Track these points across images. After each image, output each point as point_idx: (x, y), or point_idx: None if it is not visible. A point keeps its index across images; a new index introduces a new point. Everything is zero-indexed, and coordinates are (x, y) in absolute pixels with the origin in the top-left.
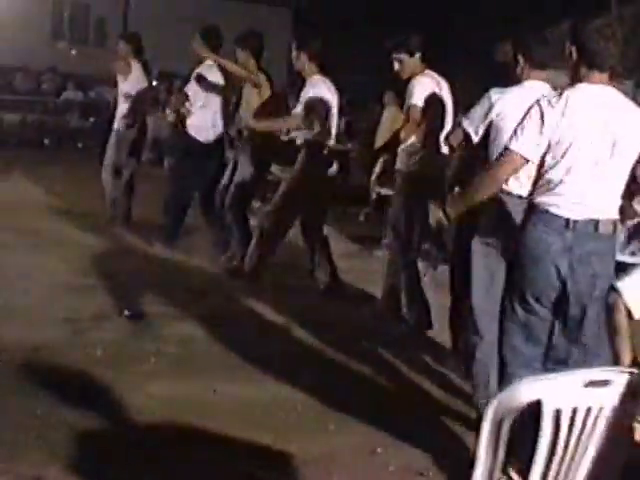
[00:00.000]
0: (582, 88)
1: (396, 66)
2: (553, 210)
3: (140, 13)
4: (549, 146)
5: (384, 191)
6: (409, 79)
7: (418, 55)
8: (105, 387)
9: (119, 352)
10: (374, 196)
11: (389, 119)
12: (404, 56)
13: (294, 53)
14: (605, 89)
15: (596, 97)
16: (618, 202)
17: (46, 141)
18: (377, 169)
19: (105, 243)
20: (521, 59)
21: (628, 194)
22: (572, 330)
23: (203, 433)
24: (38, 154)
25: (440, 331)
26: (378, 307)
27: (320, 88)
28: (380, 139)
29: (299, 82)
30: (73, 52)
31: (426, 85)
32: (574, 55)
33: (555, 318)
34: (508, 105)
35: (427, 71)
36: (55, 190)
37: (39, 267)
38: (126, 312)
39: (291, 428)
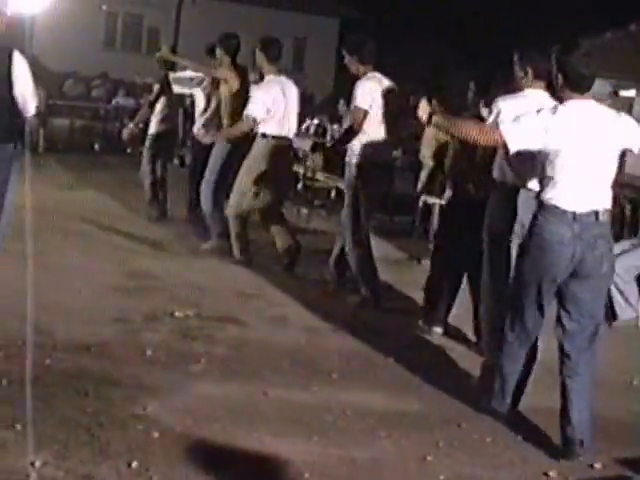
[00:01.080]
0: (571, 104)
1: None
2: (561, 205)
3: (191, 24)
4: (547, 151)
5: (430, 200)
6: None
7: (355, 57)
8: (155, 386)
9: (169, 352)
10: (420, 205)
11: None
12: (345, 55)
13: (257, 54)
14: (588, 103)
15: (582, 111)
16: (610, 194)
17: (96, 146)
18: (423, 178)
19: (153, 245)
20: (529, 70)
21: None
22: (575, 301)
23: (252, 435)
24: (87, 159)
25: None
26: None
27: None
28: (427, 149)
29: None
30: None
31: (366, 88)
32: (560, 80)
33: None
34: (512, 109)
35: (370, 73)
36: (103, 194)
37: (89, 268)
38: None
39: (340, 433)
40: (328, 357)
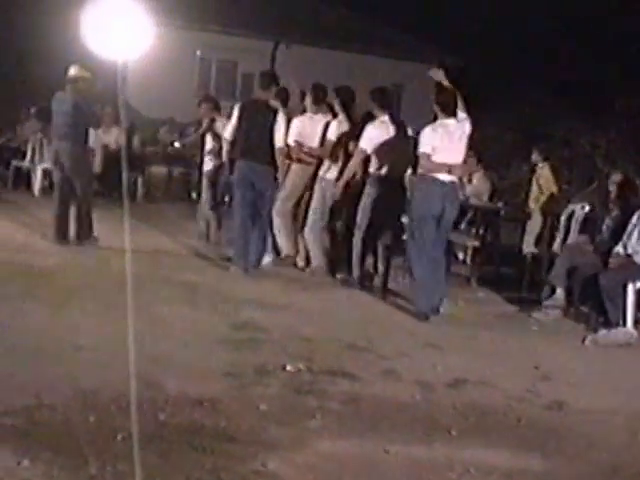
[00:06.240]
0: (441, 121)
1: None
2: (436, 177)
3: (286, 70)
4: (433, 147)
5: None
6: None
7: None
8: (273, 442)
9: (283, 407)
10: (529, 258)
11: (545, 179)
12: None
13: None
14: (451, 119)
15: (447, 124)
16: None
17: (193, 195)
18: (529, 229)
19: (259, 297)
20: (437, 108)
21: None
22: (441, 233)
23: None
24: (185, 208)
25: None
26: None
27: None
28: (533, 201)
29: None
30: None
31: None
32: (439, 108)
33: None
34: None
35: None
36: (204, 244)
37: (195, 320)
38: None
39: None
40: (445, 412)
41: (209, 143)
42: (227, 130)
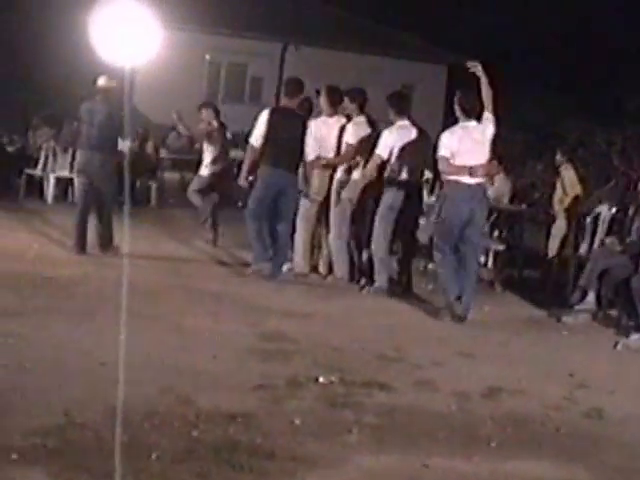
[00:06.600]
0: (462, 124)
1: None
2: (461, 180)
3: (295, 72)
4: (452, 151)
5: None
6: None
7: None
8: (311, 458)
9: (319, 421)
10: (555, 260)
11: (569, 181)
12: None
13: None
14: (471, 122)
15: (467, 126)
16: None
17: None
18: (554, 232)
19: (283, 305)
20: (458, 110)
21: None
22: (471, 234)
23: None
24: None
25: None
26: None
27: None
28: (558, 203)
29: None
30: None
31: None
32: (459, 110)
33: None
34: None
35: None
36: (220, 251)
37: (221, 331)
38: None
39: None
40: (483, 423)
41: (208, 151)
42: (254, 135)
